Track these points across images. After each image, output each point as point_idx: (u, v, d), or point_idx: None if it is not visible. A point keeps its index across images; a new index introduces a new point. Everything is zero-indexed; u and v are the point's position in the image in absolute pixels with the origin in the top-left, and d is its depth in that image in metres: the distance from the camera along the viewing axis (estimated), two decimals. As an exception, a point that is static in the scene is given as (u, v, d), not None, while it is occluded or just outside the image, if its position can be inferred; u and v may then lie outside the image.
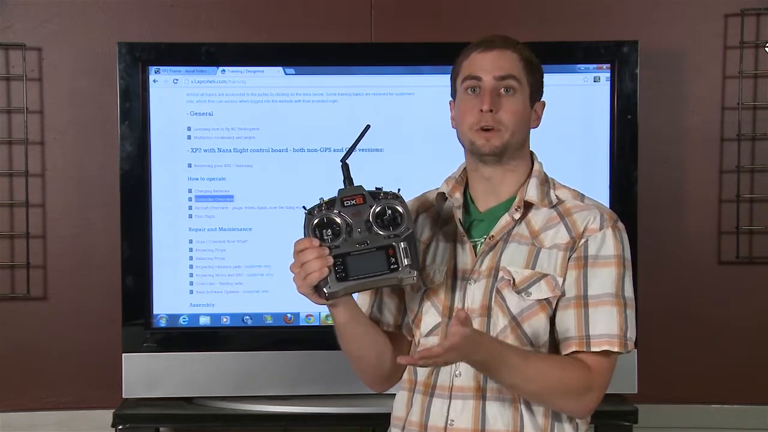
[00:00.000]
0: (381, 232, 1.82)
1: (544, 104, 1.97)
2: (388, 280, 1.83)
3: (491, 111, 1.86)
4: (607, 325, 1.84)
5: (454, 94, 1.96)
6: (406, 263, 1.81)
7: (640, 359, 2.80)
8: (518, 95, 1.89)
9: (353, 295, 1.89)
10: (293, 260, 1.82)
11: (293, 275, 1.82)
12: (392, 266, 1.81)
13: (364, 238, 1.82)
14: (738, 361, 3.10)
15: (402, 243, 1.82)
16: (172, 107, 2.84)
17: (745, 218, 3.09)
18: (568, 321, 1.86)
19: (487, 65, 1.89)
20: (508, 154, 1.90)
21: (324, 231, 1.82)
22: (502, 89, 1.88)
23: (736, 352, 3.11)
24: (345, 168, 1.89)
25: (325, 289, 1.81)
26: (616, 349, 1.84)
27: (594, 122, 2.86)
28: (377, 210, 1.84)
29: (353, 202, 1.84)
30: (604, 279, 1.86)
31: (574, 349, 1.85)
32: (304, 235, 1.83)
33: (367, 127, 1.92)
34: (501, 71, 1.88)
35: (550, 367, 1.83)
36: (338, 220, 1.83)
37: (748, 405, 3.10)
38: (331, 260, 1.80)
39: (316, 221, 1.83)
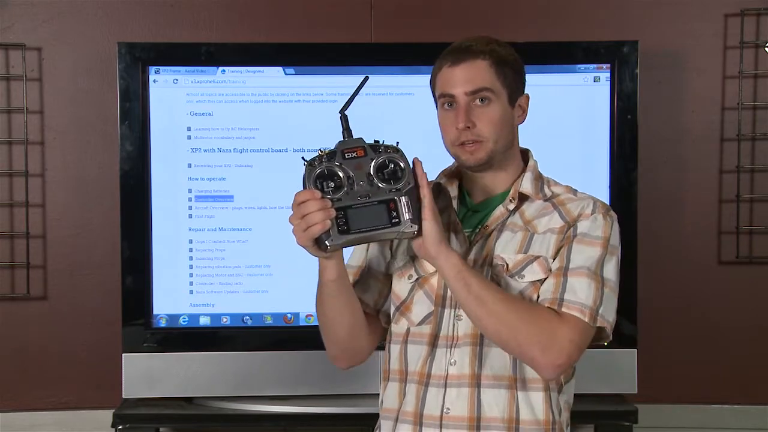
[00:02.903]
0: (382, 186, 1.81)
1: (528, 97, 1.96)
2: (390, 234, 1.81)
3: (468, 128, 1.87)
4: (582, 294, 1.83)
5: (436, 105, 1.97)
6: (407, 217, 1.80)
7: (640, 359, 2.81)
8: (495, 103, 1.89)
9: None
10: (292, 212, 1.80)
11: (293, 227, 1.80)
12: (394, 220, 1.80)
13: (366, 191, 1.80)
14: (738, 361, 3.10)
15: (404, 197, 1.80)
16: (172, 107, 2.84)
17: (745, 218, 3.09)
18: (546, 287, 1.86)
19: (458, 80, 1.88)
20: (496, 160, 1.91)
21: (325, 183, 1.80)
22: (477, 100, 1.88)
23: (736, 352, 3.11)
24: (344, 119, 1.88)
25: (327, 242, 1.79)
26: (585, 319, 1.82)
27: (594, 122, 2.86)
28: (379, 162, 1.82)
29: (354, 154, 1.82)
30: (587, 255, 1.86)
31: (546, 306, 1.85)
32: (304, 187, 1.81)
33: (366, 78, 1.92)
34: (472, 85, 1.88)
35: (520, 298, 1.85)
36: (340, 173, 1.81)
37: (748, 405, 3.10)
38: (333, 212, 1.78)
39: (317, 172, 1.80)
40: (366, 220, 1.79)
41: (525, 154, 1.99)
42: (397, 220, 1.80)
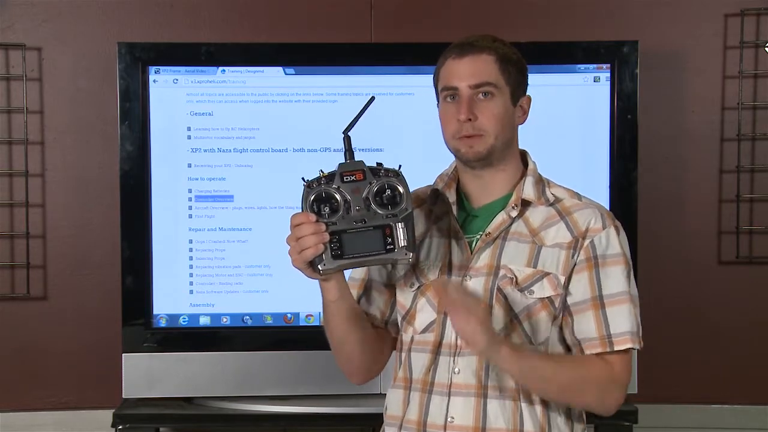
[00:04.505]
0: (379, 211, 1.80)
1: (529, 99, 1.96)
2: (384, 261, 1.82)
3: (470, 120, 1.86)
4: (626, 322, 1.87)
5: (438, 99, 1.96)
6: (402, 244, 1.79)
7: (640, 359, 2.79)
8: (497, 98, 1.88)
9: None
10: (290, 233, 1.80)
11: (288, 248, 1.81)
12: (388, 246, 1.79)
13: (362, 215, 1.79)
14: (738, 361, 3.10)
15: (400, 223, 1.79)
16: (172, 107, 2.84)
17: (745, 218, 3.09)
18: (587, 323, 1.87)
19: (462, 73, 1.87)
20: (495, 156, 1.89)
21: (322, 206, 1.79)
22: (480, 94, 1.87)
23: (736, 352, 3.11)
24: (347, 140, 1.86)
25: (319, 266, 1.79)
26: (636, 346, 1.88)
27: (594, 122, 2.86)
28: (376, 188, 1.80)
29: (353, 177, 1.80)
30: (617, 278, 1.88)
31: (598, 350, 1.87)
32: (302, 209, 1.81)
33: (372, 98, 1.89)
34: (476, 79, 1.87)
35: (572, 361, 1.87)
36: (337, 196, 1.79)
37: (748, 405, 3.10)
38: (327, 237, 1.78)
39: (313, 196, 1.79)
40: (360, 245, 1.79)
41: (523, 156, 1.98)
42: (392, 246, 1.79)
